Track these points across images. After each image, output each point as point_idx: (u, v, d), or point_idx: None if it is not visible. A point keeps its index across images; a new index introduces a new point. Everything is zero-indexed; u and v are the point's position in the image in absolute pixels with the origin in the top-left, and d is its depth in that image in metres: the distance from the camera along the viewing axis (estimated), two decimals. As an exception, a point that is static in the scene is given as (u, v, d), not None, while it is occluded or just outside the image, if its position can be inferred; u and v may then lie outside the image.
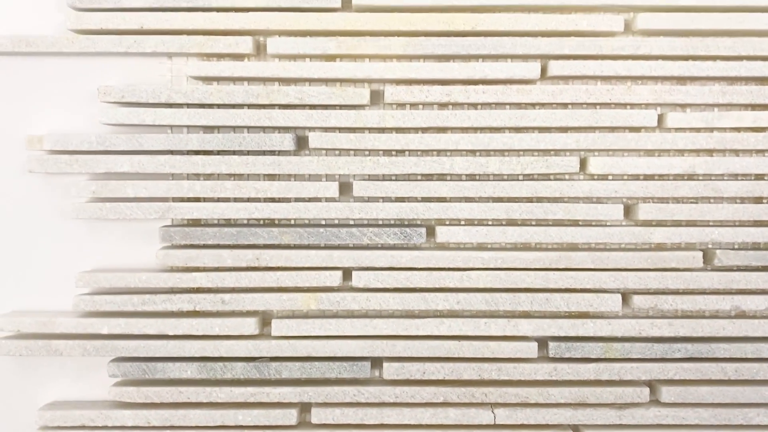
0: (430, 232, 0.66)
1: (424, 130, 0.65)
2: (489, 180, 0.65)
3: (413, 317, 0.66)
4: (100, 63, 0.66)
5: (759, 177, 0.66)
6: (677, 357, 0.66)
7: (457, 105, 0.65)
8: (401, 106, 0.66)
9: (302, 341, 0.65)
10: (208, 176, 0.66)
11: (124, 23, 0.63)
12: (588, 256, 0.65)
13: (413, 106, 0.66)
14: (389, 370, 0.65)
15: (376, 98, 0.66)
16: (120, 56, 0.65)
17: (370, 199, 0.66)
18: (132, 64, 0.66)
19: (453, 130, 0.65)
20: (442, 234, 0.65)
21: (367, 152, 0.66)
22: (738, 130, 0.65)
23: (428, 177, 0.66)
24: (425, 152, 0.66)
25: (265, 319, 0.67)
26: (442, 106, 0.66)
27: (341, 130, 0.65)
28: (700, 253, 0.65)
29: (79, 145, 0.64)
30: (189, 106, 0.64)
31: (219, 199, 0.66)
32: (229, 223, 0.67)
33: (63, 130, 0.66)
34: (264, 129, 0.65)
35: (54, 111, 0.66)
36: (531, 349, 0.65)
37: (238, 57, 0.65)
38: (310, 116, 0.64)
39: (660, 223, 0.66)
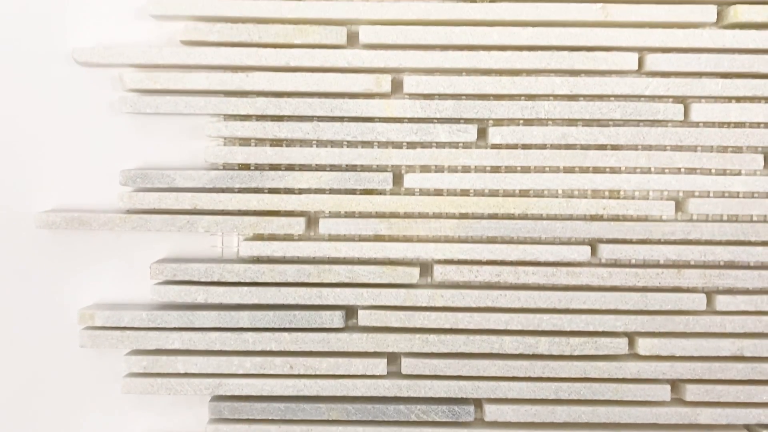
0: (479, 410, 0.66)
1: (474, 309, 0.66)
2: (538, 360, 0.65)
3: (460, 494, 0.66)
4: (152, 237, 0.67)
5: (806, 357, 0.66)
6: None
7: (506, 285, 0.66)
8: (451, 284, 0.66)
9: None
10: (258, 353, 0.66)
11: (177, 203, 0.64)
12: (635, 437, 0.65)
13: (463, 285, 0.66)
14: None
15: (425, 270, 0.67)
16: (172, 233, 0.66)
17: (418, 377, 0.66)
18: (184, 239, 0.67)
19: (502, 310, 0.66)
20: (491, 412, 0.65)
21: (416, 329, 0.66)
22: (786, 311, 0.66)
23: (477, 356, 0.66)
24: (475, 331, 0.66)
25: (312, 492, 0.67)
26: (492, 286, 0.66)
27: (391, 308, 0.65)
28: (747, 434, 0.66)
29: (131, 322, 0.64)
30: (240, 284, 0.65)
31: (268, 375, 0.66)
32: (276, 397, 0.67)
33: (114, 301, 0.67)
34: (314, 306, 0.66)
35: (104, 284, 0.67)
36: None
37: (290, 236, 0.66)
38: (360, 295, 0.65)
39: (707, 404, 0.66)
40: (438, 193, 0.65)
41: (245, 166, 0.65)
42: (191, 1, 0.62)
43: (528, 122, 0.65)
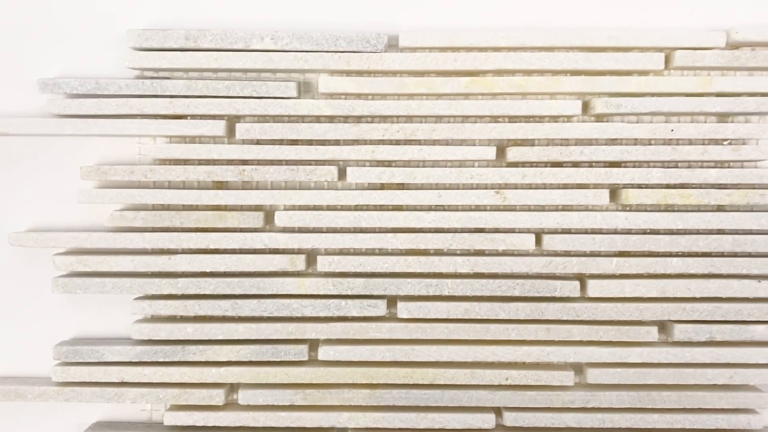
0: None
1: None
2: None
3: None
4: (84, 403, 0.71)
5: None
6: None
7: (417, 451, 0.69)
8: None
9: None
10: None
11: (105, 377, 0.68)
12: None
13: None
14: None
15: (342, 435, 0.71)
16: (103, 403, 0.70)
17: None
18: (115, 407, 0.71)
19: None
20: None
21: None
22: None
23: None
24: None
25: None
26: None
27: (308, 473, 0.69)
28: None
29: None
30: (166, 451, 0.69)
31: None
32: None
33: (48, 464, 0.71)
34: (235, 471, 0.69)
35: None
36: None
37: (211, 406, 0.70)
38: (278, 461, 0.68)
39: None
40: (350, 364, 0.69)
41: (169, 341, 0.69)
42: (116, 191, 0.67)
43: (434, 298, 0.69)
